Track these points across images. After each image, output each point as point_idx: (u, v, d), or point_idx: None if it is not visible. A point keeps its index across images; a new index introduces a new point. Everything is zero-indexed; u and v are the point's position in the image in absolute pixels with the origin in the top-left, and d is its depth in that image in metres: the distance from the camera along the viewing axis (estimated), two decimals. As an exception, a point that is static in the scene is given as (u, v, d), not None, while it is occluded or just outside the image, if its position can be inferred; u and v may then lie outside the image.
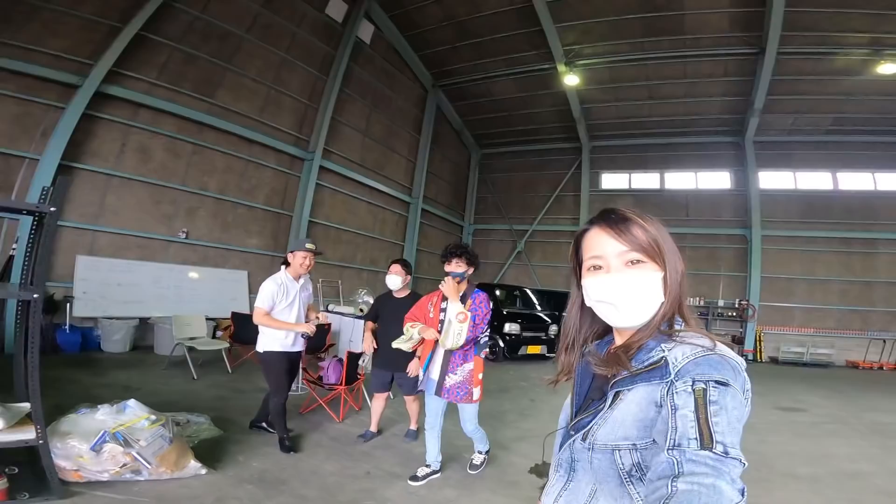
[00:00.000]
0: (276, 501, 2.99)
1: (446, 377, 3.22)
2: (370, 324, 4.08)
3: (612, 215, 0.87)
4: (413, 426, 4.27)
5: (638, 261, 0.83)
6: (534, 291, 10.77)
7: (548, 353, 9.20)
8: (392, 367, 3.90)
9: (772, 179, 12.72)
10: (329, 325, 7.01)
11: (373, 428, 4.22)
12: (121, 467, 2.92)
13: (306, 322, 3.80)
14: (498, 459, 3.87)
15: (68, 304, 6.18)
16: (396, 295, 3.97)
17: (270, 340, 3.68)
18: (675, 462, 0.64)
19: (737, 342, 12.34)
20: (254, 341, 6.95)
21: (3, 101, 6.06)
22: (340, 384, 4.63)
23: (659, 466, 0.66)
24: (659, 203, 13.41)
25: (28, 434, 2.63)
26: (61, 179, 2.60)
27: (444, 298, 3.27)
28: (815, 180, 12.57)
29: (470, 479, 3.52)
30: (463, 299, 3.20)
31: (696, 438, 0.64)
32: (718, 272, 12.55)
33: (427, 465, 3.47)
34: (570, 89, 11.88)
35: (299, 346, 3.80)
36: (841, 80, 10.54)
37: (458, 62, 12.06)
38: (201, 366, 5.82)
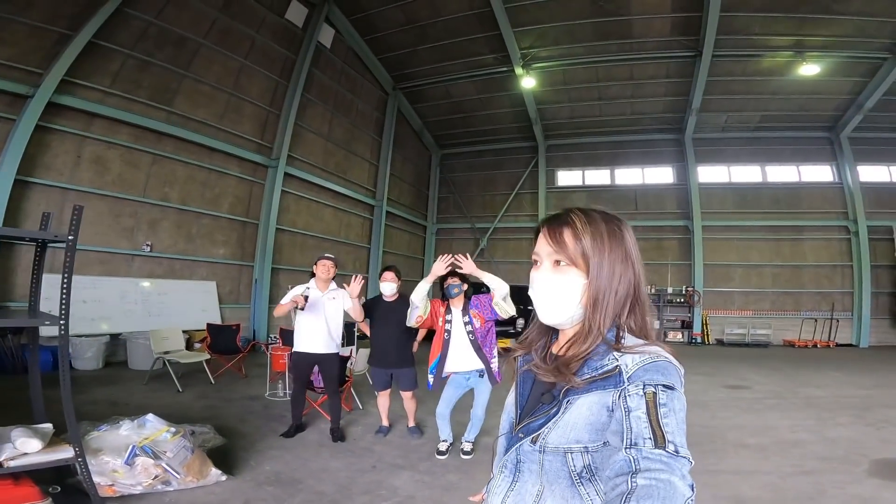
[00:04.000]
0: (298, 499, 3.19)
1: (490, 363, 3.73)
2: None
3: (554, 219, 0.90)
4: (412, 423, 4.53)
5: (559, 262, 0.86)
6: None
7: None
8: (388, 365, 4.23)
9: (709, 174, 13.83)
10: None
11: (384, 423, 4.53)
12: (153, 479, 3.05)
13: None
14: (485, 445, 4.16)
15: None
16: (387, 298, 4.25)
17: (296, 342, 4.23)
18: (633, 459, 0.68)
19: (686, 326, 13.34)
20: (231, 351, 7.02)
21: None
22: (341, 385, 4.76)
23: (616, 464, 0.70)
24: (610, 198, 14.23)
25: (66, 453, 2.70)
26: (77, 207, 2.65)
27: (448, 310, 3.83)
28: (746, 173, 13.79)
29: (466, 464, 3.85)
30: (464, 309, 3.78)
31: (650, 438, 0.68)
32: (666, 262, 13.45)
33: (444, 441, 3.99)
34: (527, 91, 12.37)
35: (322, 349, 4.18)
36: (768, 81, 11.63)
37: (418, 65, 12.30)
38: (182, 378, 5.79)
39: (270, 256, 9.17)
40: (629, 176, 14.58)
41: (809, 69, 10.80)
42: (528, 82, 11.81)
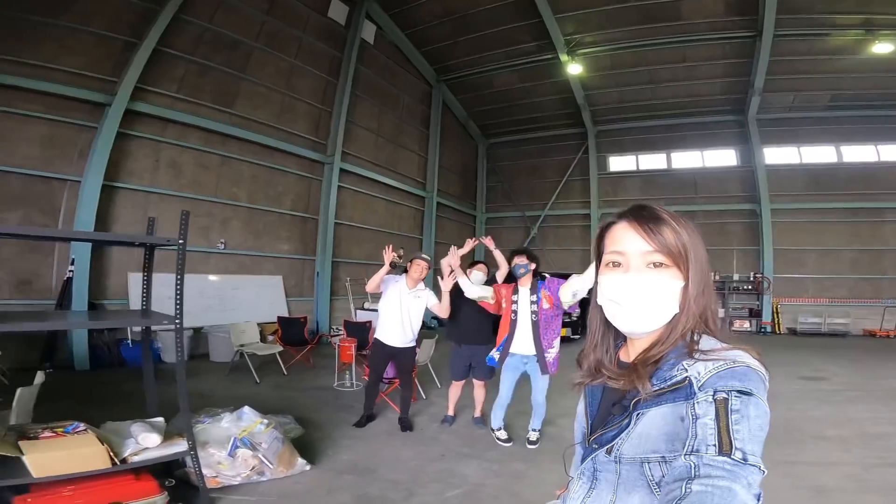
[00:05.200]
0: (375, 487, 3.31)
1: (546, 354, 3.75)
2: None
3: (644, 212, 0.82)
4: (477, 413, 4.60)
5: (661, 264, 0.78)
6: (552, 275, 11.03)
7: (573, 334, 9.47)
8: (472, 342, 4.32)
9: (776, 155, 12.96)
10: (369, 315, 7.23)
11: (450, 412, 4.64)
12: (250, 470, 3.20)
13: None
14: (549, 434, 4.22)
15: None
16: None
17: (378, 331, 4.42)
18: (693, 465, 0.64)
19: (754, 315, 12.69)
20: (300, 342, 7.28)
21: (32, 123, 6.13)
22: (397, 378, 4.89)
23: (675, 470, 0.66)
24: (667, 183, 13.68)
25: (181, 447, 2.85)
26: (184, 212, 2.80)
27: (515, 291, 3.86)
28: (818, 154, 12.81)
29: (533, 453, 3.92)
30: (532, 288, 3.83)
31: (714, 445, 0.64)
32: (730, 247, 12.83)
33: (500, 428, 4.14)
34: (573, 77, 12.03)
35: (399, 343, 4.32)
36: (838, 60, 10.77)
37: (459, 56, 12.20)
38: (257, 369, 6.07)
39: (331, 250, 9.45)
40: (687, 159, 13.91)
41: (882, 48, 9.92)
42: (574, 69, 11.48)
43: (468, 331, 4.33)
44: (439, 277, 4.15)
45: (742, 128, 13.01)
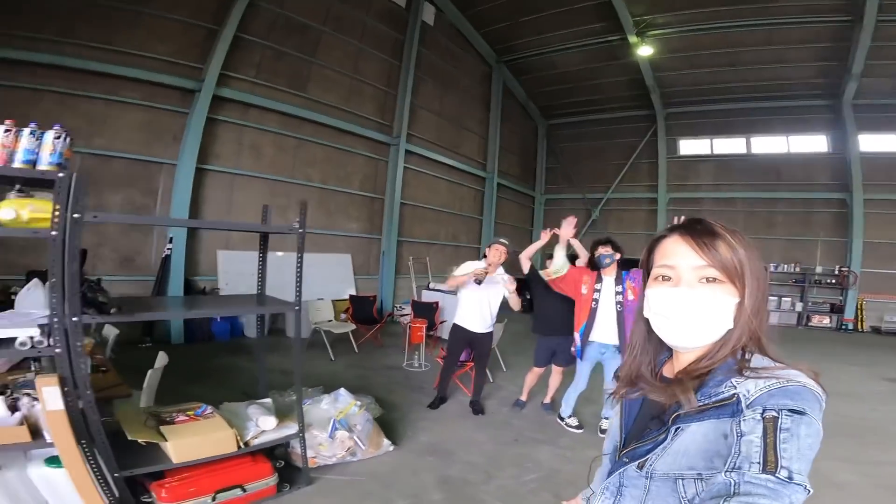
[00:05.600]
0: (455, 469, 3.43)
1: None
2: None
3: (698, 225, 0.80)
4: (548, 399, 4.69)
5: (714, 279, 0.77)
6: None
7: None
8: (555, 332, 4.32)
9: (873, 142, 11.75)
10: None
11: (524, 397, 4.73)
12: (345, 451, 3.35)
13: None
14: None
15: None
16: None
17: (457, 317, 4.48)
18: (732, 483, 0.61)
19: (835, 311, 11.84)
20: (369, 321, 7.51)
21: (132, 110, 6.59)
22: (470, 361, 4.97)
23: (714, 487, 0.64)
24: (745, 168, 12.86)
25: (292, 429, 3.01)
26: (303, 203, 3.00)
27: (598, 279, 3.85)
28: (923, 142, 11.52)
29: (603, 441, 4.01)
30: (617, 279, 3.85)
31: (758, 462, 0.61)
32: (815, 237, 11.97)
33: (573, 416, 4.25)
34: (643, 59, 11.45)
35: (479, 329, 4.38)
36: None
37: (519, 37, 11.91)
38: (331, 347, 6.30)
39: (396, 229, 9.70)
40: (770, 144, 12.90)
41: None
42: (644, 51, 10.91)
43: (555, 323, 4.32)
44: (508, 284, 4.15)
45: (834, 113, 11.89)
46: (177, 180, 6.73)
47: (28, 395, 2.28)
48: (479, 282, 4.14)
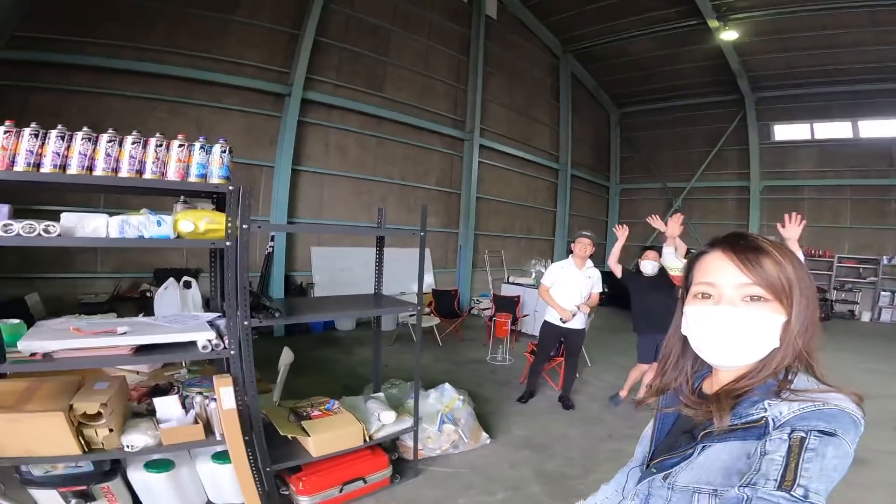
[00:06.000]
0: (553, 463, 3.44)
1: None
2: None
3: (742, 241, 0.77)
4: (623, 393, 4.58)
5: (759, 297, 0.73)
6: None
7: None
8: (661, 329, 4.20)
9: None
10: (518, 299, 7.36)
11: (623, 393, 4.61)
12: (449, 444, 3.45)
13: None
14: None
15: (311, 290, 7.33)
16: (648, 275, 4.29)
17: (547, 313, 4.47)
18: (744, 498, 0.60)
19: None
20: (451, 314, 7.56)
21: (233, 115, 7.09)
22: (560, 355, 4.93)
23: (726, 502, 0.63)
24: (853, 153, 11.63)
25: (407, 423, 3.13)
26: (424, 206, 3.19)
27: None
28: None
29: None
30: None
31: (775, 480, 0.59)
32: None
33: None
34: (726, 44, 10.68)
35: (571, 324, 4.36)
36: None
37: (585, 26, 11.52)
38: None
39: (473, 224, 9.76)
40: (881, 128, 11.54)
41: None
42: (728, 35, 10.17)
43: (660, 320, 4.26)
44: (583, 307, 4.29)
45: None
46: (275, 181, 7.18)
47: (200, 393, 2.47)
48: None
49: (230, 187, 2.31)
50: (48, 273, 5.43)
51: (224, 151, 2.34)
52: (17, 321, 2.10)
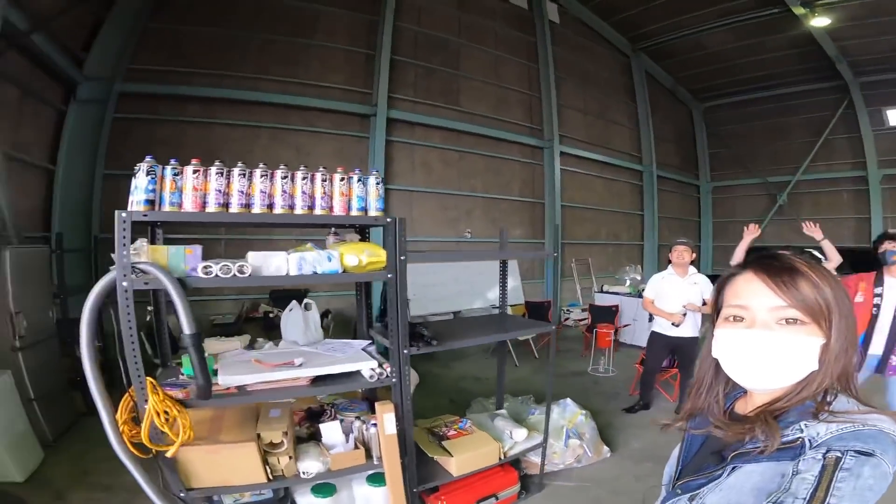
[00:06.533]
0: None
1: (891, 356, 3.21)
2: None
3: (775, 262, 0.75)
4: None
5: (796, 320, 0.71)
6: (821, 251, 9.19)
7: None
8: None
9: None
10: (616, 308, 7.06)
11: None
12: (573, 459, 3.40)
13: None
14: None
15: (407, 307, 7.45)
16: None
17: (656, 323, 4.37)
18: None
19: None
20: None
21: (325, 138, 7.44)
22: (673, 367, 4.76)
23: None
24: None
25: (537, 439, 3.12)
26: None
27: (878, 282, 3.29)
28: None
29: None
30: None
31: (804, 499, 0.59)
32: None
33: None
34: (818, 30, 9.78)
35: (683, 333, 4.21)
36: None
37: (654, 22, 10.97)
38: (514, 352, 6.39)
39: (559, 232, 9.53)
40: None
41: None
42: (819, 21, 9.33)
43: None
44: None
45: None
46: (374, 203, 7.38)
47: (358, 418, 2.56)
48: (677, 325, 4.18)
49: (388, 219, 2.34)
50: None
51: (378, 182, 2.39)
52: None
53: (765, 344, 0.72)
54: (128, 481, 3.31)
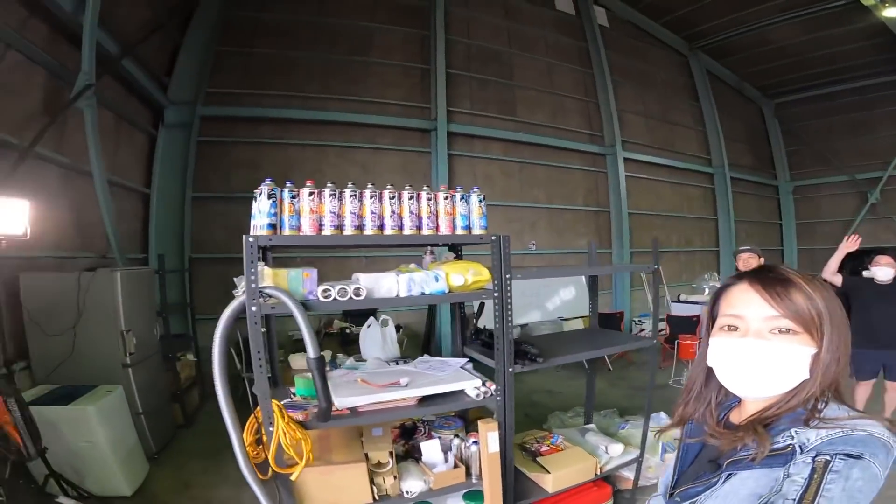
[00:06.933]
0: None
1: None
2: None
3: (770, 274, 0.79)
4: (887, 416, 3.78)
5: (788, 330, 0.74)
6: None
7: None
8: (883, 346, 3.74)
9: None
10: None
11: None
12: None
13: None
14: None
15: (473, 321, 7.37)
16: (881, 282, 3.84)
17: None
18: None
19: None
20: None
21: (388, 155, 7.56)
22: None
23: None
24: None
25: (632, 454, 3.06)
26: (655, 240, 3.23)
27: None
28: None
29: None
30: None
31: (793, 500, 0.62)
32: None
33: None
34: (892, 20, 9.05)
35: None
36: None
37: (709, 21, 10.49)
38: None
39: (627, 241, 9.18)
40: None
41: None
42: (890, 12, 8.69)
43: (880, 331, 3.73)
44: None
45: None
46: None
47: (456, 436, 2.54)
48: None
49: (492, 237, 2.31)
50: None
51: (481, 200, 2.35)
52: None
53: (758, 352, 0.75)
54: (225, 495, 3.47)
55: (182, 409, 4.64)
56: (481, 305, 3.15)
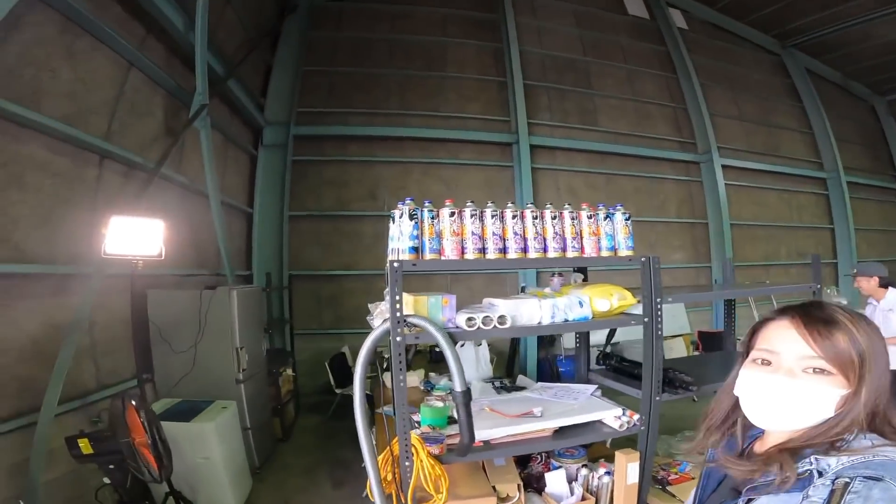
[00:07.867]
0: None
1: None
2: None
3: (815, 311, 0.76)
4: None
5: (823, 370, 0.72)
6: None
7: None
8: None
9: None
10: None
11: None
12: None
13: None
14: None
15: (560, 338, 7.06)
16: None
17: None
18: None
19: None
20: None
21: (470, 170, 7.46)
22: None
23: None
24: None
25: None
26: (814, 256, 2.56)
27: None
28: None
29: None
30: None
31: None
32: None
33: None
34: None
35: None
36: None
37: (801, 17, 9.64)
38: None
39: (728, 254, 8.41)
40: None
41: None
42: None
43: None
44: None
45: None
46: (518, 232, 7.22)
47: (584, 466, 2.35)
48: None
49: (642, 258, 2.08)
50: (352, 328, 6.20)
51: (627, 218, 2.13)
52: (441, 404, 2.14)
53: (784, 390, 0.73)
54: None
55: (281, 424, 4.73)
56: (612, 330, 2.91)
